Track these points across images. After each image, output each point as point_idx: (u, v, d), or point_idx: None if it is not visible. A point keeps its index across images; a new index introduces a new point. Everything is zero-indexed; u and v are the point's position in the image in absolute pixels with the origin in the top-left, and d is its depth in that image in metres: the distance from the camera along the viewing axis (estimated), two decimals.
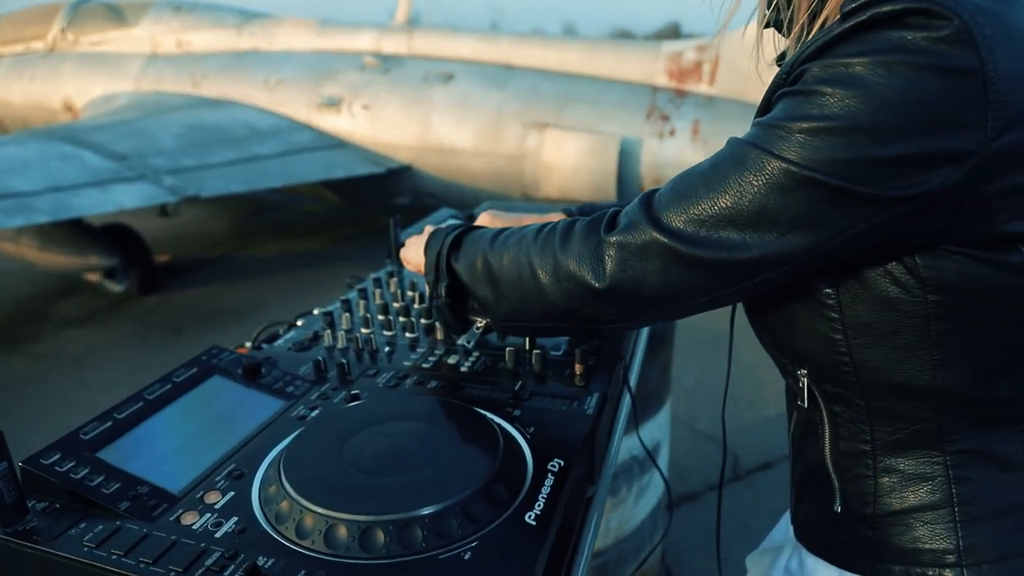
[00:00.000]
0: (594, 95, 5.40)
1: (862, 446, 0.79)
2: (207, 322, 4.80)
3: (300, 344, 1.07)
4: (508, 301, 0.85)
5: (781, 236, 0.66)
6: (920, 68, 0.60)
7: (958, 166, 0.61)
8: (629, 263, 0.73)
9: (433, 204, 5.93)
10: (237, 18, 7.13)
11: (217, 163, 5.07)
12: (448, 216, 1.67)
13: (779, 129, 0.65)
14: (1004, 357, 0.72)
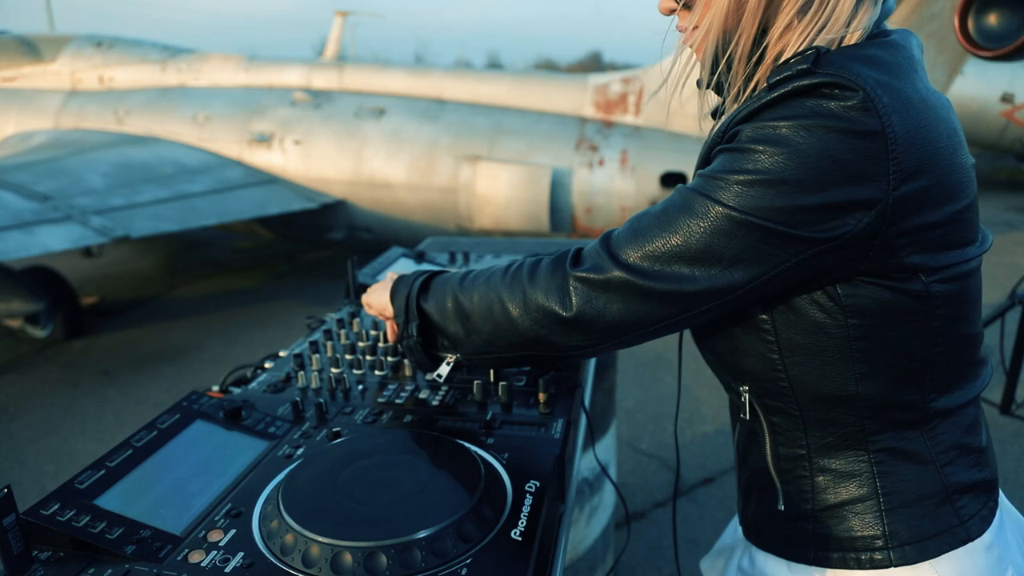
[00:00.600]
0: (525, 127, 5.55)
1: (799, 451, 0.91)
2: (140, 365, 4.69)
3: (274, 386, 1.12)
4: (479, 335, 0.93)
5: (724, 270, 0.78)
6: (834, 131, 0.72)
7: (868, 212, 0.74)
8: (593, 295, 0.83)
9: (368, 238, 5.97)
10: (161, 53, 7.05)
11: (147, 202, 4.98)
12: (399, 255, 1.73)
13: (720, 180, 0.77)
14: (912, 368, 0.85)
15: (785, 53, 0.81)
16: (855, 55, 0.77)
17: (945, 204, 0.77)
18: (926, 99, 0.78)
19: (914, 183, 0.74)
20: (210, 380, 4.44)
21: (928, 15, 4.89)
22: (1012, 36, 3.13)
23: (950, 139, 0.79)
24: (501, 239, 2.31)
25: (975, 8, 3.29)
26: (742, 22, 0.82)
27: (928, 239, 0.78)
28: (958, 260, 0.81)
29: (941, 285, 0.81)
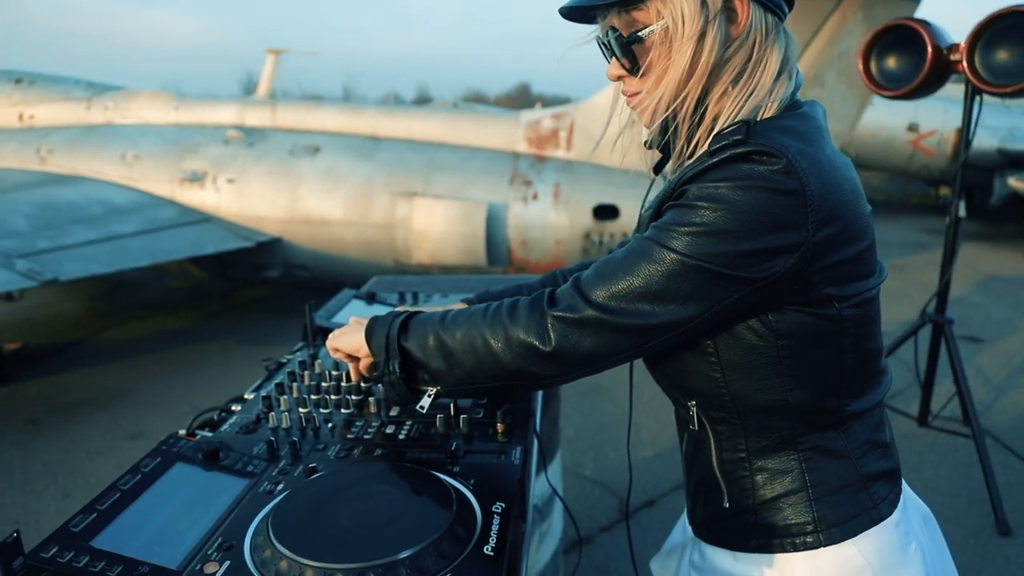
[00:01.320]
0: (459, 163, 5.68)
1: (740, 454, 1.07)
2: (70, 412, 4.55)
3: (246, 427, 1.18)
4: (462, 368, 1.05)
5: (679, 306, 0.93)
6: (764, 190, 0.89)
7: (792, 254, 0.90)
8: (569, 331, 0.96)
9: (304, 276, 5.97)
10: (86, 91, 6.93)
11: (75, 244, 4.87)
12: (351, 296, 1.81)
13: (672, 231, 0.92)
14: (830, 379, 1.02)
15: (720, 116, 0.97)
16: (777, 127, 0.93)
17: (851, 245, 0.95)
18: (833, 161, 0.95)
19: (827, 230, 0.91)
20: (147, 424, 4.39)
21: (837, 53, 5.26)
22: (909, 78, 3.43)
23: (853, 193, 0.96)
24: (443, 277, 2.41)
25: (876, 52, 3.58)
26: (688, 89, 0.97)
27: (839, 274, 0.95)
28: (862, 290, 0.98)
29: (850, 310, 0.98)
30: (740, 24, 0.96)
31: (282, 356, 1.61)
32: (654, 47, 0.97)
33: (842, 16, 5.17)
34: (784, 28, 1.01)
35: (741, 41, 0.96)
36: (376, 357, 1.11)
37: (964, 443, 3.72)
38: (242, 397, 1.34)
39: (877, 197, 14.15)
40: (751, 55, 0.97)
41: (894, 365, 4.57)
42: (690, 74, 0.96)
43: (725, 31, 0.96)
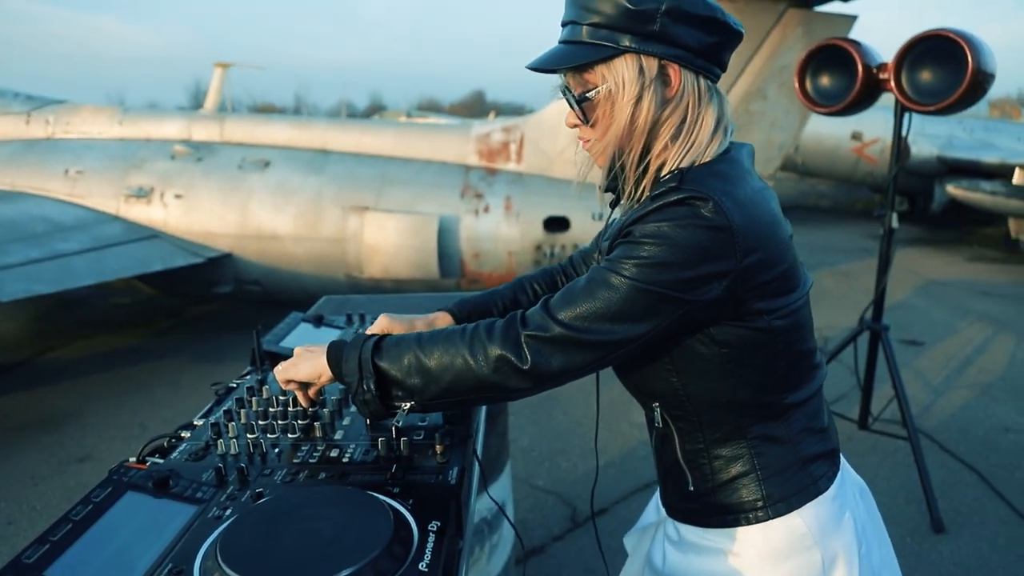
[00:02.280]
0: (410, 176, 5.71)
1: (699, 445, 1.25)
2: (11, 436, 4.44)
3: (195, 455, 1.21)
4: (439, 384, 1.15)
5: (634, 324, 1.09)
6: (696, 227, 1.05)
7: (725, 279, 1.07)
8: (542, 348, 1.10)
9: (256, 291, 5.93)
10: (25, 104, 6.78)
11: (17, 263, 4.76)
12: (299, 319, 1.84)
13: (624, 262, 1.08)
14: (767, 379, 1.19)
15: (665, 167, 1.15)
16: (707, 172, 1.11)
17: (775, 267, 1.12)
18: (754, 198, 1.12)
19: (753, 256, 1.08)
20: (95, 446, 4.32)
21: (779, 67, 5.45)
22: (842, 95, 3.58)
23: (772, 223, 1.14)
24: (393, 296, 2.45)
25: (811, 70, 3.74)
26: (632, 142, 1.15)
27: (766, 291, 1.12)
28: (788, 303, 1.16)
29: (778, 321, 1.15)
30: (674, 88, 1.12)
31: (231, 381, 1.64)
32: (600, 104, 1.15)
33: (782, 32, 5.36)
34: (717, 89, 1.18)
35: (676, 103, 1.13)
36: (348, 378, 1.19)
37: (903, 445, 3.87)
38: (191, 424, 1.37)
39: (824, 204, 14.57)
40: (686, 115, 1.14)
41: (836, 369, 4.75)
42: (631, 130, 1.14)
43: (661, 94, 1.13)
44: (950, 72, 3.20)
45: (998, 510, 3.40)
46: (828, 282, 7.95)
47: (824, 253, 9.57)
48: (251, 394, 1.44)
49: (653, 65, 1.11)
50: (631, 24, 1.09)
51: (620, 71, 1.11)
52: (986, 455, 3.92)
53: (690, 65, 1.12)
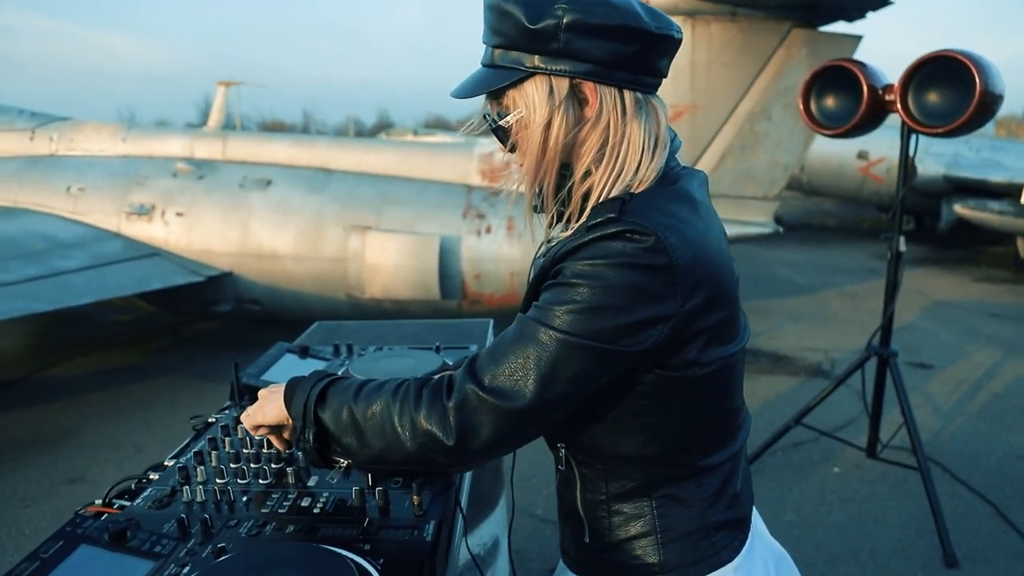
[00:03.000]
0: (412, 196, 5.67)
1: (600, 496, 1.15)
2: (8, 455, 4.38)
3: (160, 502, 1.14)
4: (371, 449, 1.05)
5: (567, 384, 0.98)
6: (636, 267, 0.95)
7: (666, 324, 0.98)
8: (467, 419, 0.99)
9: (256, 310, 5.88)
10: (29, 121, 6.78)
11: (15, 280, 4.73)
12: (284, 350, 1.78)
13: (553, 310, 0.98)
14: (682, 437, 1.10)
15: (592, 194, 1.04)
16: (650, 205, 1.00)
17: (716, 311, 1.03)
18: (703, 234, 1.03)
19: (695, 299, 0.99)
20: (87, 467, 4.25)
21: (783, 88, 5.40)
22: (847, 117, 3.52)
23: (719, 263, 1.04)
24: (386, 323, 2.38)
25: (815, 91, 3.68)
26: (544, 167, 1.06)
27: (704, 339, 1.02)
28: (723, 355, 1.06)
29: (706, 375, 1.05)
30: (591, 107, 1.03)
31: (211, 415, 1.57)
32: (516, 130, 1.08)
33: (787, 52, 5.31)
34: (651, 101, 1.07)
35: (593, 123, 1.04)
36: (295, 422, 1.11)
37: (913, 474, 3.76)
38: (162, 464, 1.30)
39: (829, 222, 14.48)
40: (607, 135, 1.04)
41: (843, 394, 4.66)
42: (542, 153, 1.05)
43: (576, 114, 1.04)
44: (958, 94, 3.13)
45: (1013, 543, 3.29)
46: (834, 303, 7.86)
47: (830, 273, 9.47)
48: (225, 433, 1.37)
49: (563, 85, 1.02)
50: (534, 43, 1.01)
51: (530, 94, 1.03)
52: (1000, 485, 3.81)
53: (607, 80, 1.02)
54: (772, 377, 5.48)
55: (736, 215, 5.69)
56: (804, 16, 5.11)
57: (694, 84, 5.42)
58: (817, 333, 6.65)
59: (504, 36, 1.03)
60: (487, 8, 1.05)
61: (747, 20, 5.18)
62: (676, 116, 5.52)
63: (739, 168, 5.60)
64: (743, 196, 5.68)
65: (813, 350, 6.12)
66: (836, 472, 3.94)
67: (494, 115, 1.10)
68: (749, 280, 8.91)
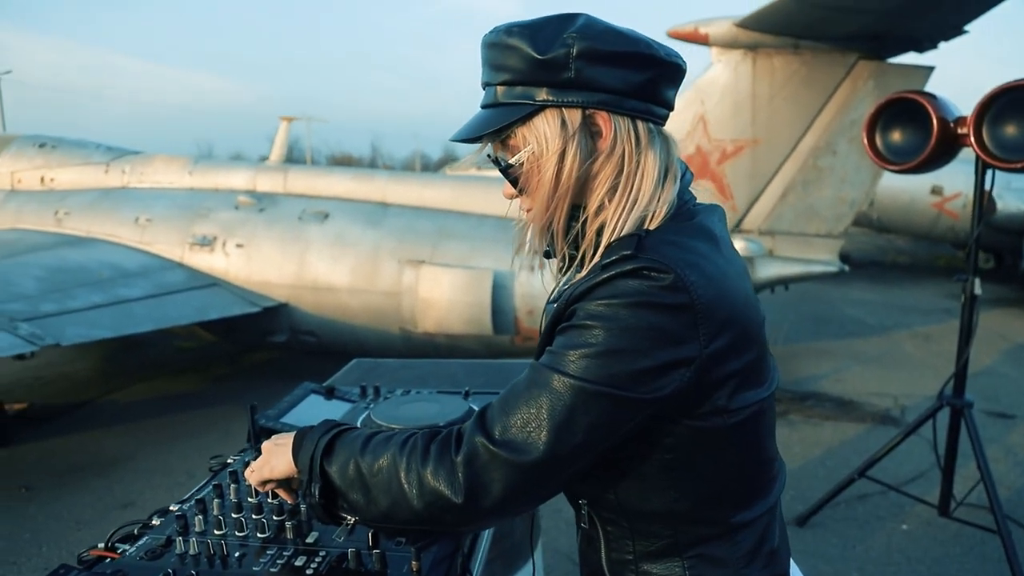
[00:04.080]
0: (467, 231, 5.65)
1: (627, 556, 1.06)
2: (64, 478, 4.49)
3: (153, 552, 1.10)
4: (378, 507, 0.99)
5: (585, 436, 0.91)
6: (654, 307, 0.89)
7: (688, 368, 0.91)
8: (477, 477, 0.93)
9: (311, 341, 5.93)
10: (106, 155, 7.08)
11: (80, 307, 4.89)
12: (310, 390, 1.73)
13: (568, 355, 0.91)
14: (713, 492, 1.02)
15: (606, 228, 0.98)
16: (668, 241, 0.95)
17: (743, 354, 0.96)
18: (725, 271, 0.97)
19: (720, 341, 0.92)
20: (140, 492, 4.30)
21: (849, 121, 5.22)
22: (916, 152, 3.35)
23: (744, 303, 0.98)
24: (425, 362, 2.33)
25: (881, 125, 3.52)
26: (555, 202, 1.00)
27: (731, 383, 0.95)
28: (751, 401, 0.99)
29: (735, 425, 0.98)
30: (605, 138, 0.99)
31: (228, 456, 1.53)
32: (526, 169, 1.01)
33: (853, 85, 5.15)
34: (661, 132, 1.03)
35: (607, 154, 0.99)
36: (301, 475, 1.05)
37: (991, 536, 3.48)
38: (167, 509, 1.26)
39: (901, 260, 13.93)
40: (622, 167, 0.99)
41: (915, 444, 4.38)
42: (555, 188, 0.99)
43: (589, 146, 0.99)
44: None
45: None
46: (907, 345, 7.49)
47: (901, 313, 9.06)
48: (233, 480, 1.32)
49: (576, 116, 0.98)
50: (543, 75, 0.96)
51: (541, 129, 0.98)
52: None
53: (620, 110, 0.98)
54: (836, 423, 5.21)
55: (798, 253, 5.49)
56: (871, 47, 4.95)
57: (755, 118, 5.29)
58: (887, 377, 6.33)
59: (509, 72, 0.99)
60: (487, 47, 1.02)
61: (811, 53, 5.04)
62: (737, 151, 5.39)
63: (802, 204, 5.42)
64: (806, 233, 5.48)
65: (882, 395, 5.82)
66: (904, 529, 3.68)
67: (504, 157, 1.04)
68: (812, 319, 8.60)
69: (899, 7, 4.15)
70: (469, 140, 1.03)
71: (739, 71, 5.22)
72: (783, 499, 3.49)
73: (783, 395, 5.72)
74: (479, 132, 1.01)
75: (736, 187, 5.45)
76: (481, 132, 1.01)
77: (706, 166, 5.45)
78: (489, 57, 1.02)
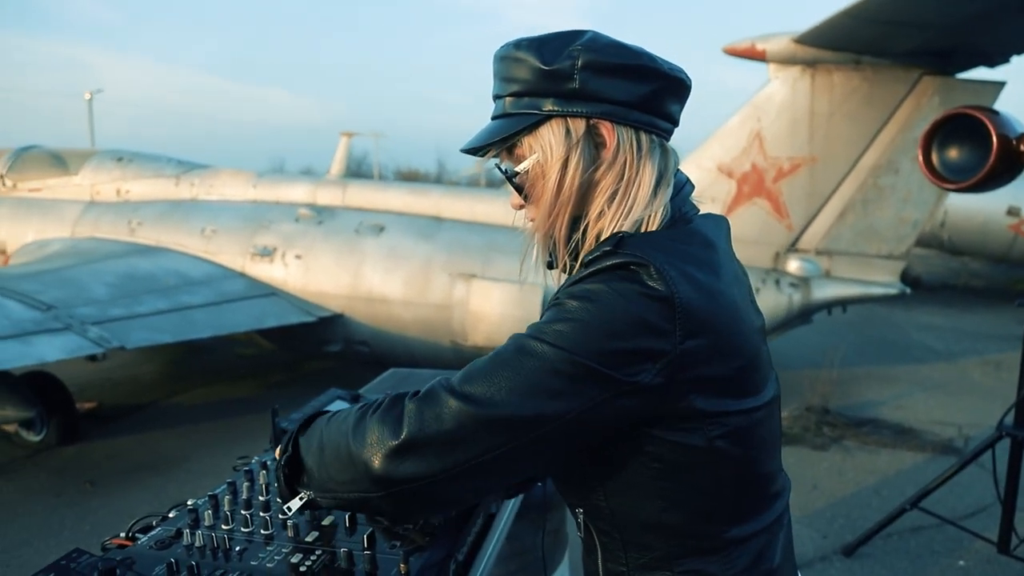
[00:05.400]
0: (517, 246, 5.65)
1: (621, 567, 1.07)
2: (125, 476, 4.69)
3: (161, 542, 1.15)
4: (327, 470, 1.02)
5: (549, 400, 0.91)
6: (632, 295, 0.91)
7: (660, 360, 0.91)
8: (426, 420, 0.93)
9: (364, 351, 6.05)
10: (176, 168, 7.40)
11: (146, 313, 5.11)
12: (335, 396, 1.78)
13: (544, 327, 0.94)
14: (705, 505, 1.01)
15: (603, 234, 1.02)
16: (651, 242, 0.97)
17: (727, 360, 0.96)
18: (713, 274, 0.99)
19: (696, 340, 0.92)
20: (193, 492, 4.41)
21: (912, 139, 5.07)
22: (974, 170, 3.23)
23: (730, 306, 0.99)
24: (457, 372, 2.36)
25: (937, 143, 3.41)
26: (557, 208, 1.03)
27: (711, 388, 0.95)
28: (735, 409, 0.98)
29: (723, 439, 0.97)
30: (608, 147, 1.02)
31: (253, 457, 1.59)
32: (531, 177, 1.05)
33: (916, 102, 5.00)
34: (663, 144, 1.06)
35: (610, 163, 1.02)
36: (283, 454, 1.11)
37: None
38: (184, 503, 1.32)
39: (976, 284, 13.33)
40: (623, 175, 1.02)
41: (976, 477, 4.19)
42: (557, 194, 1.02)
43: (592, 155, 1.03)
44: None
45: None
46: (975, 373, 7.18)
47: (973, 340, 8.68)
48: (248, 479, 1.37)
49: (580, 126, 1.01)
50: (549, 85, 1.00)
51: (546, 138, 1.02)
52: None
53: (625, 120, 1.01)
54: (893, 451, 5.03)
55: (857, 274, 5.35)
56: (936, 63, 4.80)
57: (813, 136, 5.18)
58: (951, 405, 6.08)
59: (517, 83, 1.02)
60: (499, 60, 1.06)
61: (872, 68, 4.92)
62: (794, 169, 5.29)
63: (861, 224, 5.27)
64: (865, 254, 5.33)
65: (945, 424, 5.59)
66: (961, 566, 3.53)
67: (511, 166, 1.07)
68: (875, 343, 8.31)
69: (962, 22, 4.02)
70: (478, 149, 1.07)
71: (797, 87, 5.13)
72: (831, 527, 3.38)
73: (837, 420, 5.54)
74: (487, 141, 1.05)
75: (792, 206, 5.34)
76: (489, 141, 1.05)
77: (761, 184, 5.36)
78: (499, 70, 1.06)
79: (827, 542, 3.73)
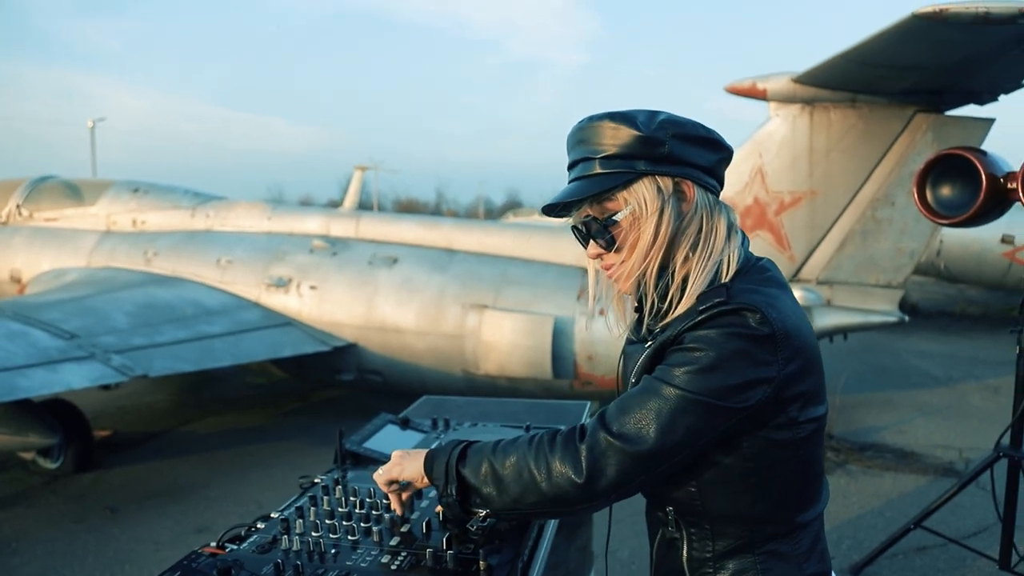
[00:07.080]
0: (529, 277, 5.86)
1: (707, 555, 1.26)
2: (145, 502, 4.79)
3: (262, 547, 1.30)
4: (508, 495, 1.23)
5: (683, 434, 1.14)
6: (743, 336, 1.13)
7: (769, 385, 1.14)
8: (597, 461, 1.16)
9: (377, 380, 6.18)
10: (192, 200, 7.56)
11: (166, 342, 5.24)
12: (387, 420, 1.93)
13: (674, 371, 1.16)
14: (785, 495, 1.24)
15: (690, 277, 1.22)
16: (750, 289, 1.19)
17: (810, 376, 1.19)
18: (795, 310, 1.21)
19: (793, 365, 1.16)
20: (213, 519, 4.57)
21: (908, 173, 5.27)
22: (965, 206, 3.42)
23: (809, 335, 1.21)
24: (490, 400, 2.51)
25: (930, 181, 3.60)
26: (650, 256, 1.23)
27: (800, 400, 1.18)
28: (816, 415, 1.22)
29: (803, 436, 1.20)
30: (690, 201, 1.23)
31: (316, 476, 1.74)
32: (624, 227, 1.24)
33: (910, 138, 5.21)
34: (720, 201, 1.28)
35: (691, 215, 1.24)
36: (436, 481, 1.30)
37: None
38: (269, 516, 1.46)
39: (973, 311, 13.53)
40: (702, 225, 1.24)
41: (978, 497, 4.33)
42: (652, 243, 1.22)
43: (678, 208, 1.23)
44: None
45: None
46: (974, 398, 7.33)
47: (971, 365, 8.84)
48: (325, 493, 1.52)
49: (668, 184, 1.22)
50: (643, 150, 1.20)
51: (640, 192, 1.21)
52: None
53: (700, 181, 1.23)
54: (896, 475, 5.17)
55: (857, 303, 5.51)
56: (929, 101, 5.01)
57: (813, 171, 5.38)
58: (952, 429, 6.23)
59: (612, 146, 1.21)
60: (585, 129, 1.25)
61: (868, 107, 5.14)
62: (795, 202, 5.48)
63: (860, 255, 5.46)
64: (864, 283, 5.51)
65: (946, 448, 5.73)
66: None
67: (599, 216, 1.26)
68: (875, 370, 8.47)
69: (953, 65, 4.24)
70: (569, 202, 1.24)
71: (796, 125, 5.34)
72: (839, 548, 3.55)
73: (842, 444, 5.69)
74: (587, 193, 1.23)
75: (794, 237, 5.53)
76: (587, 194, 1.22)
77: (764, 217, 5.55)
78: (588, 136, 1.24)
79: (835, 563, 3.85)
